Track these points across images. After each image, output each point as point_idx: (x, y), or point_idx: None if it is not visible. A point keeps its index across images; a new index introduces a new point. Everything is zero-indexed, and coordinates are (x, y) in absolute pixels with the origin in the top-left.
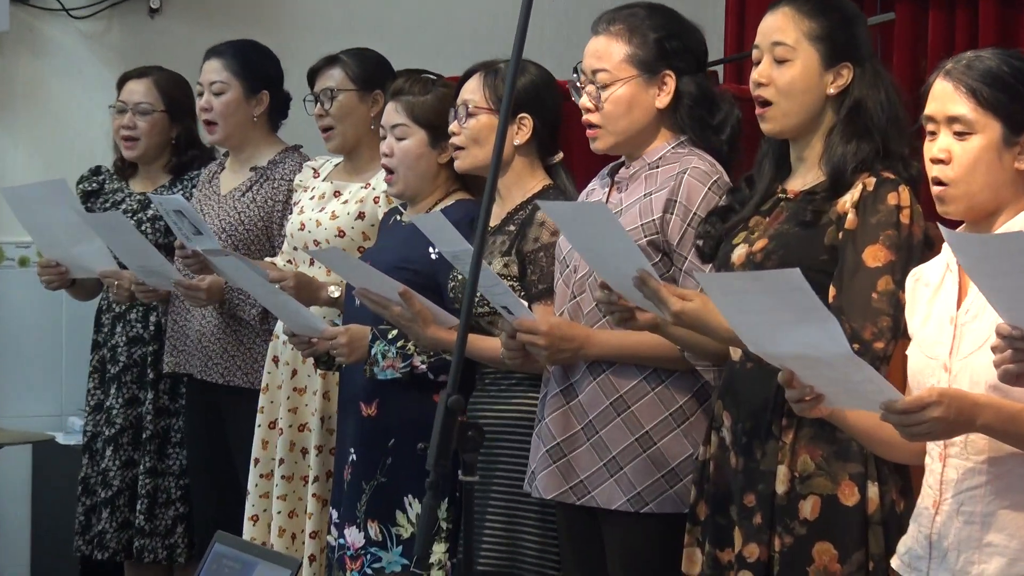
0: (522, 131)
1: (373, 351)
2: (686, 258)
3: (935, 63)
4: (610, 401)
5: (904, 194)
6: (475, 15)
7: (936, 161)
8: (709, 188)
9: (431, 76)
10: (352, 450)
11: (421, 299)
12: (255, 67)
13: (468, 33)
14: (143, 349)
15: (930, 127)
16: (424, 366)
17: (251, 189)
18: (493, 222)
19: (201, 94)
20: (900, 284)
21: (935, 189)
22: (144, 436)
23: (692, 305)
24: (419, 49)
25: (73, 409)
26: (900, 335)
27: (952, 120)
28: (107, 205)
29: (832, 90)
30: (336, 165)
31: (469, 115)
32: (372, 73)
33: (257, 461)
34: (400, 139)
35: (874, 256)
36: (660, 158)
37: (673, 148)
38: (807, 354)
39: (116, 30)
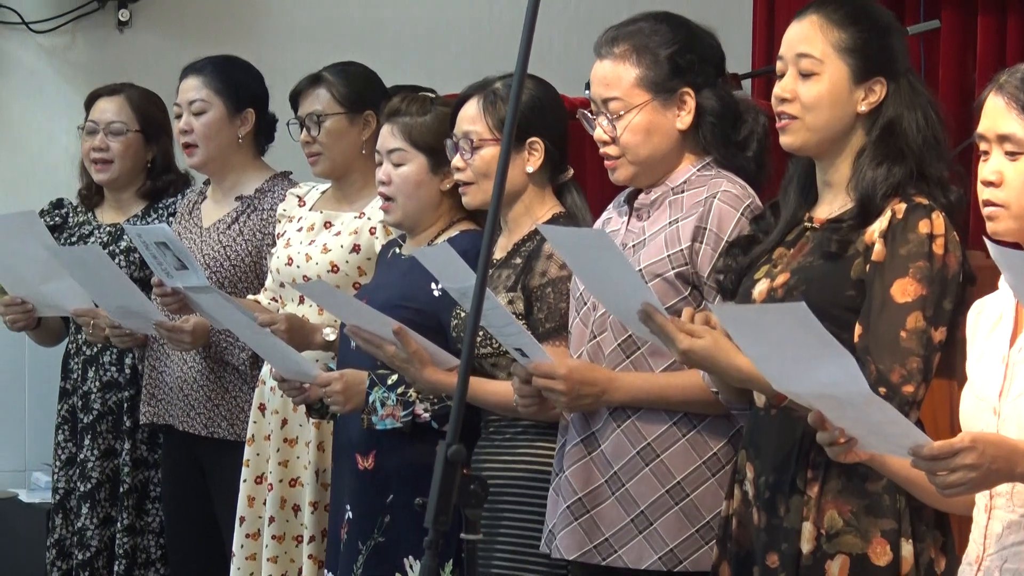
0: (534, 156)
1: (371, 398)
2: (717, 291)
3: (985, 74)
4: (637, 450)
5: (937, 221)
6: (471, 23)
7: (987, 183)
8: (742, 213)
9: (429, 94)
10: (348, 507)
11: (418, 338)
12: (238, 83)
13: (464, 43)
14: (118, 395)
15: (983, 146)
16: (427, 415)
17: (237, 221)
18: (498, 254)
19: (179, 116)
20: (932, 321)
21: (985, 211)
22: (121, 490)
23: (702, 343)
24: (411, 61)
25: (37, 464)
26: (931, 377)
27: (1003, 139)
28: (73, 240)
29: (863, 107)
30: (323, 192)
31: (475, 149)
32: (361, 92)
33: (243, 519)
34: (398, 165)
35: (903, 291)
36: (685, 182)
37: (699, 171)
38: (829, 393)
39: (81, 45)
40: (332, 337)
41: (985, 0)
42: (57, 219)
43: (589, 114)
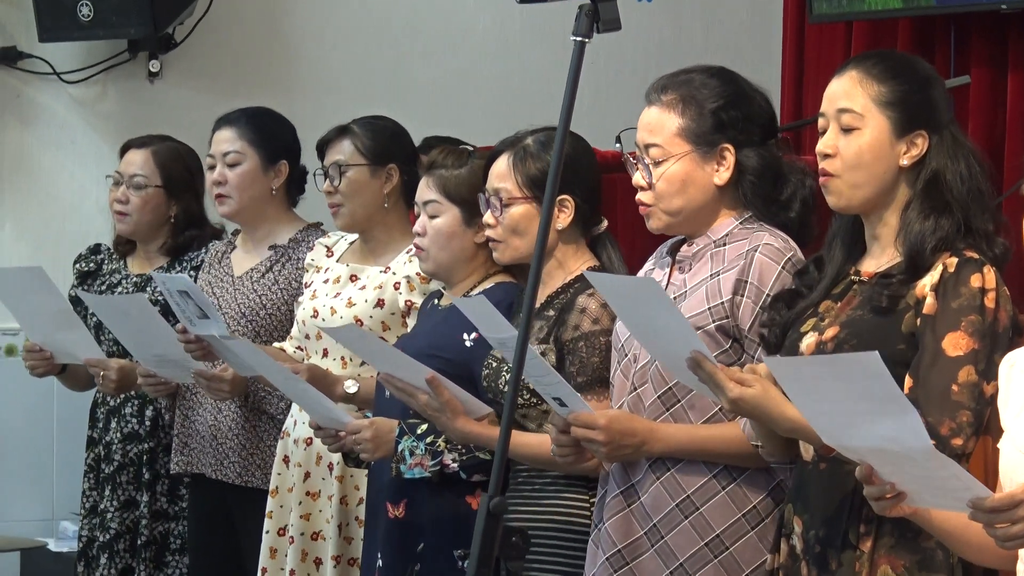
0: (563, 214)
1: (400, 447)
2: (758, 344)
3: (1014, 130)
4: (676, 502)
5: (989, 275)
6: (501, 77)
7: None
8: (783, 267)
9: (467, 148)
10: (379, 555)
11: (451, 387)
12: (272, 135)
13: (494, 96)
14: (139, 447)
15: None
16: (455, 465)
17: (271, 270)
18: None
19: (212, 167)
20: (984, 375)
21: None
22: (140, 542)
23: (751, 392)
24: (441, 114)
25: (65, 513)
26: (982, 431)
27: None
28: (103, 287)
29: (905, 161)
30: (351, 244)
31: (504, 206)
32: (385, 146)
33: (264, 571)
34: (433, 216)
35: (955, 344)
36: (727, 235)
37: (741, 224)
38: (887, 448)
39: (112, 96)
40: (353, 390)
41: (1016, 57)
42: (92, 265)
43: (632, 158)
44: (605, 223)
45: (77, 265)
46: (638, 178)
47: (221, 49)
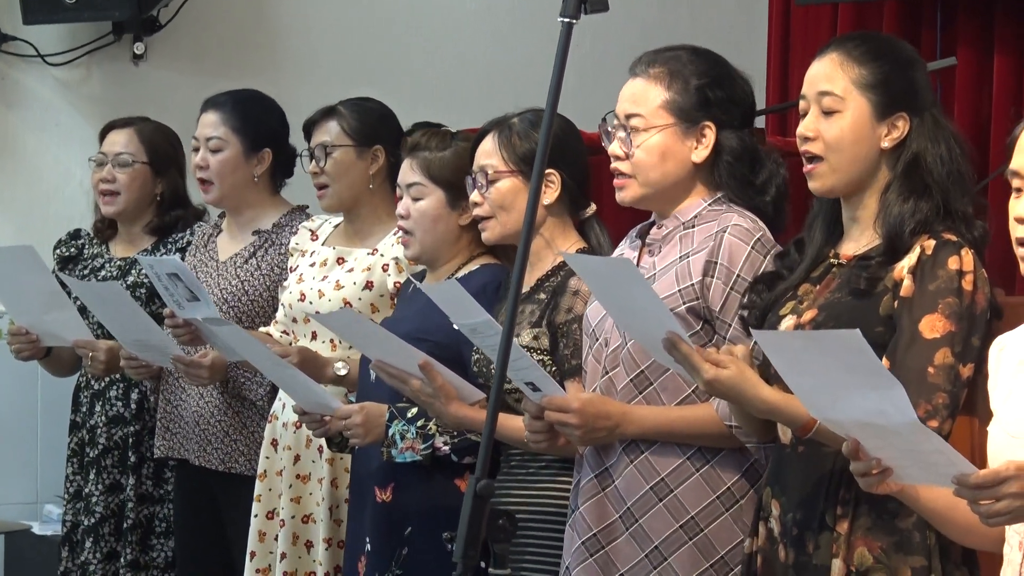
0: (550, 189)
1: (391, 431)
2: (730, 326)
3: (1000, 112)
4: (650, 485)
5: (967, 258)
6: (489, 60)
7: (1021, 221)
8: (752, 247)
9: (450, 130)
10: (367, 539)
11: (444, 372)
12: (257, 122)
13: (482, 79)
14: (124, 430)
15: (1016, 183)
16: (447, 448)
17: (255, 255)
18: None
19: (197, 149)
20: (960, 357)
21: (1020, 251)
22: (125, 526)
23: (727, 373)
24: (430, 97)
25: (50, 496)
26: (967, 413)
27: None
28: (85, 272)
29: (886, 143)
30: (336, 227)
31: (491, 182)
32: (372, 127)
33: (253, 554)
34: (416, 199)
35: (932, 326)
36: (695, 216)
37: (709, 205)
38: (872, 421)
39: (96, 78)
40: (343, 372)
41: (1002, 39)
42: (73, 250)
43: (610, 129)
44: (593, 206)
45: (57, 251)
46: (615, 147)
47: (206, 31)
